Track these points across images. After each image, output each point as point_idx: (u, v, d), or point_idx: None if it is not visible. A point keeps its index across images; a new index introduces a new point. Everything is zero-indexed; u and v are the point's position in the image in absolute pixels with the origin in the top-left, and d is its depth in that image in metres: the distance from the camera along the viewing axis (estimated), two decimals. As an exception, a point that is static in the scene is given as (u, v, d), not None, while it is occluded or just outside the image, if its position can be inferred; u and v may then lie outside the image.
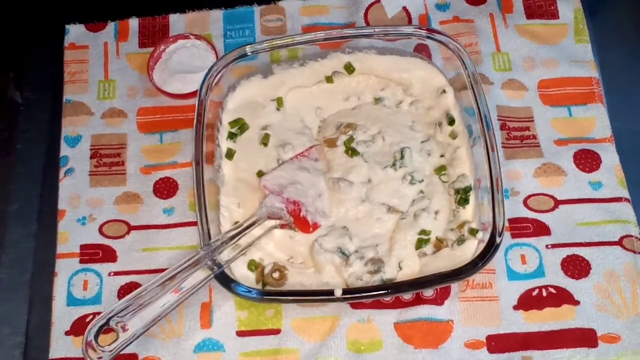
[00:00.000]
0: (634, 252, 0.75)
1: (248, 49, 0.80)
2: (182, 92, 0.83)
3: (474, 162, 0.77)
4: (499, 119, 0.82)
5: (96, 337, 0.65)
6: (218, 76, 0.79)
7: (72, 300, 0.75)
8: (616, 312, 0.72)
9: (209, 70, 0.79)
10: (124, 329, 0.66)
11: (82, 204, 0.79)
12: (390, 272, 0.73)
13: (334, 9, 0.89)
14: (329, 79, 0.83)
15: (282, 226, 0.76)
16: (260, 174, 0.79)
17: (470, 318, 0.73)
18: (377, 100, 0.83)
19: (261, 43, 0.81)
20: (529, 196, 0.78)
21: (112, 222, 0.79)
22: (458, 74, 0.79)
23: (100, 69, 0.86)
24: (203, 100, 0.78)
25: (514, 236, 0.76)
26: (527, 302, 0.73)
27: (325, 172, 0.79)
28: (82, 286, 0.76)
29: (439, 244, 0.75)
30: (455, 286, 0.74)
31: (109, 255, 0.77)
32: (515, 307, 0.73)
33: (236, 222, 0.75)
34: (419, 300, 0.73)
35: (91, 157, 0.82)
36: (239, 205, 0.77)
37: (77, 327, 0.74)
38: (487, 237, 0.71)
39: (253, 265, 0.74)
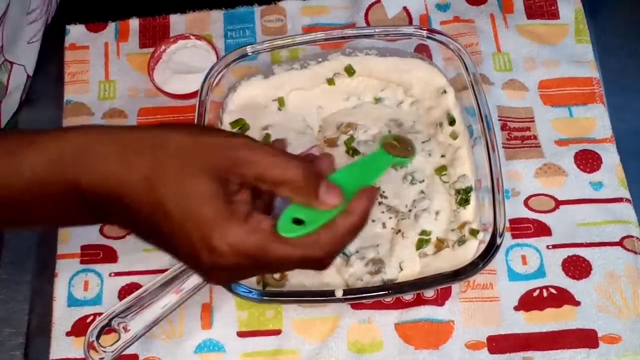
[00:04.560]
0: (635, 252, 0.75)
1: (249, 49, 0.80)
2: (183, 93, 0.83)
3: (474, 163, 0.77)
4: (499, 119, 0.82)
5: (98, 337, 0.65)
6: (219, 76, 0.79)
7: (72, 301, 0.75)
8: (617, 313, 0.72)
9: (210, 70, 0.79)
10: (125, 330, 0.66)
11: (82, 205, 0.79)
12: (390, 273, 0.73)
13: (335, 9, 0.89)
14: (330, 82, 0.83)
15: (283, 226, 0.76)
16: (261, 174, 0.78)
17: (471, 318, 0.73)
18: (378, 100, 0.83)
19: (262, 43, 0.81)
20: (530, 197, 0.78)
21: (112, 222, 0.78)
22: (459, 74, 0.79)
23: (100, 70, 0.86)
24: (204, 101, 0.77)
25: (514, 237, 0.76)
26: (528, 302, 0.73)
27: (326, 172, 0.79)
28: (82, 287, 0.75)
29: (440, 245, 0.75)
30: (456, 287, 0.74)
31: (109, 255, 0.77)
32: (516, 308, 0.73)
33: (237, 223, 0.75)
34: (419, 301, 0.73)
35: (92, 158, 0.81)
36: (239, 206, 0.77)
37: (78, 328, 0.73)
38: (487, 237, 0.70)
39: (254, 266, 0.74)
